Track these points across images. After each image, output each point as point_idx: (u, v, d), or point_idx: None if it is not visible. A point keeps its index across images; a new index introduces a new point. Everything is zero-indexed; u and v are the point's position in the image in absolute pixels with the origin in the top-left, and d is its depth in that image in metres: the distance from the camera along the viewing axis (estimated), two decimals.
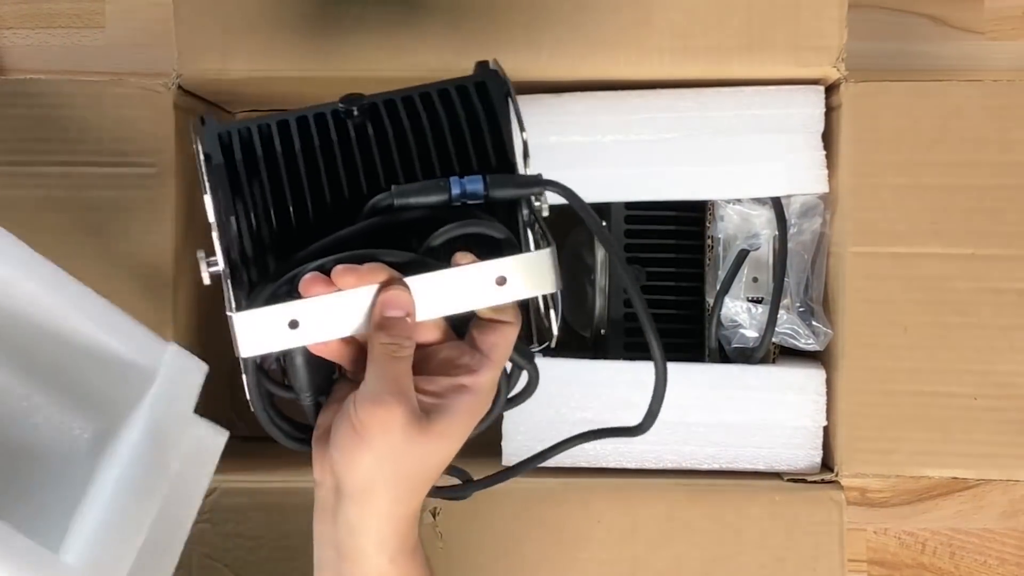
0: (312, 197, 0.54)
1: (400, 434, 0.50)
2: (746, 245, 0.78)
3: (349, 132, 0.55)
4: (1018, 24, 0.93)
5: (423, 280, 0.51)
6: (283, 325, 0.51)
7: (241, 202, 0.54)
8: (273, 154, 0.54)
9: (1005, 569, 0.91)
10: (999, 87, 0.75)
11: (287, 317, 0.51)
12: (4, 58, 0.94)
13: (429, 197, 0.52)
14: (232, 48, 0.76)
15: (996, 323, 0.74)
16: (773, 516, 0.74)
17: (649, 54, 0.75)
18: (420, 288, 0.52)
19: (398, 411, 0.49)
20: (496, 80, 0.56)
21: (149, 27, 0.93)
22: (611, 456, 0.78)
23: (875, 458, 0.75)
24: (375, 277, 0.51)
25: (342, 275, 0.51)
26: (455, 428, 0.52)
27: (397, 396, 0.50)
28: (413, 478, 0.52)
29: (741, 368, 0.77)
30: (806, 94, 0.77)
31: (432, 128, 0.55)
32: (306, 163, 0.54)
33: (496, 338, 0.53)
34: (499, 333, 0.53)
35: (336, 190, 0.54)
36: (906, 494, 0.92)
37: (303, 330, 0.51)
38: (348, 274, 0.51)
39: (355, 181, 0.54)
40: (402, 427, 0.50)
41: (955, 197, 0.74)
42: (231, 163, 0.54)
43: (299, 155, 0.54)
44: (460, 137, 0.55)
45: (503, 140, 0.55)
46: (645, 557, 0.74)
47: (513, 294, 0.52)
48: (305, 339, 0.51)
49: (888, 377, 0.75)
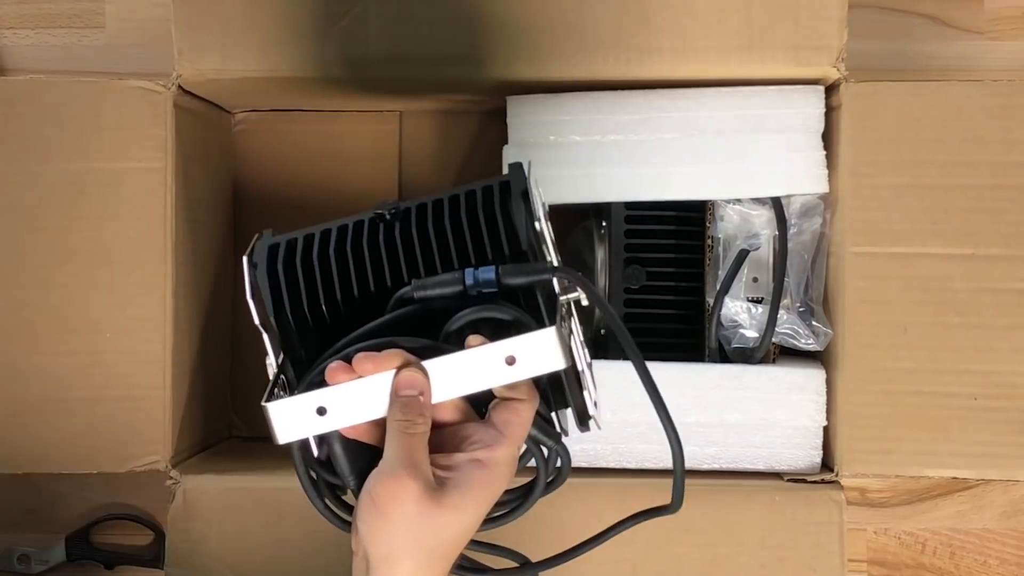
0: (343, 295, 0.60)
1: (414, 506, 0.52)
2: (746, 245, 0.78)
3: (378, 235, 0.61)
4: (1018, 24, 0.93)
5: (437, 363, 0.55)
6: (311, 412, 0.55)
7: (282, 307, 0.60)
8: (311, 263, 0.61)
9: (1005, 569, 0.91)
10: (999, 87, 0.75)
11: (315, 404, 0.55)
12: (4, 58, 0.94)
13: (446, 288, 0.57)
14: (232, 48, 0.76)
15: (996, 323, 0.74)
16: (773, 516, 0.74)
17: (649, 54, 0.75)
18: (435, 371, 0.56)
19: (412, 484, 0.52)
20: (517, 178, 0.61)
21: (149, 27, 0.93)
22: (611, 456, 0.78)
23: (875, 458, 0.75)
24: (392, 363, 0.55)
25: (362, 362, 0.55)
26: (469, 501, 0.54)
27: (410, 469, 0.53)
28: (431, 549, 0.54)
29: (741, 368, 0.77)
30: (806, 94, 0.77)
31: (452, 225, 0.60)
32: (340, 268, 0.60)
33: (510, 415, 0.56)
34: (513, 410, 0.56)
35: (364, 288, 0.60)
36: (906, 494, 0.92)
37: (331, 416, 0.55)
38: (367, 361, 0.55)
39: (381, 278, 0.60)
40: (415, 499, 0.52)
41: (955, 197, 0.74)
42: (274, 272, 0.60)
43: (332, 259, 0.61)
44: (477, 232, 0.60)
45: (516, 233, 0.59)
46: (645, 557, 0.74)
47: (522, 373, 0.55)
48: (333, 424, 0.56)
49: (888, 377, 0.75)
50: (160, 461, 0.76)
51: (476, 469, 0.55)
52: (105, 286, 0.77)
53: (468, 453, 0.55)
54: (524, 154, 0.78)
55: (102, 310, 0.76)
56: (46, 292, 0.76)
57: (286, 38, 0.76)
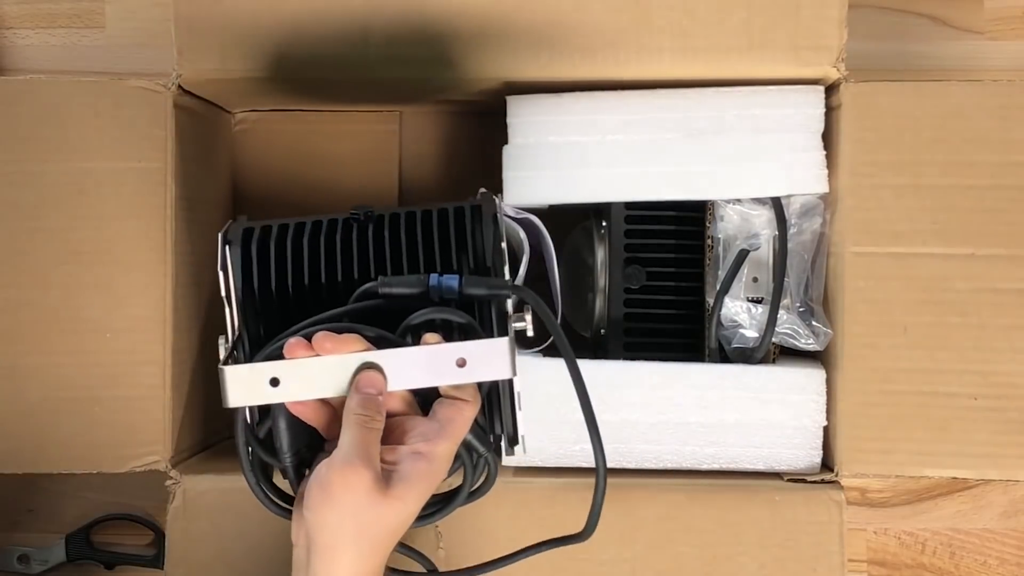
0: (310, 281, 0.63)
1: (364, 495, 0.55)
2: (746, 245, 0.78)
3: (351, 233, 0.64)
4: (1018, 24, 0.93)
5: (393, 354, 0.58)
6: (265, 382, 0.58)
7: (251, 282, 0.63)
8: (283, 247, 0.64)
9: (1005, 569, 0.91)
10: (999, 87, 0.75)
11: (269, 375, 0.58)
12: (4, 58, 0.94)
13: (411, 289, 0.60)
14: (232, 48, 0.76)
15: (996, 323, 0.74)
16: (773, 516, 0.74)
17: (649, 54, 0.75)
18: (391, 361, 0.59)
19: (365, 474, 0.55)
20: (489, 203, 0.65)
21: (149, 27, 0.94)
22: (611, 456, 0.77)
23: (875, 458, 0.75)
24: (350, 346, 0.58)
25: (321, 341, 0.58)
26: (411, 493, 0.57)
27: (365, 461, 0.56)
28: (374, 537, 0.57)
29: (741, 368, 0.77)
30: (806, 94, 0.77)
31: (424, 234, 0.64)
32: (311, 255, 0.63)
33: (453, 413, 0.59)
34: (456, 409, 0.60)
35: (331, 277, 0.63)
36: (906, 494, 0.92)
37: (283, 388, 0.58)
38: (326, 340, 0.58)
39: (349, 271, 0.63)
40: (366, 489, 0.55)
41: (955, 197, 0.74)
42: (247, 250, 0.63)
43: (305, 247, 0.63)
44: (446, 244, 0.63)
45: (483, 249, 0.63)
46: (645, 557, 0.74)
47: (472, 375, 0.59)
48: (284, 396, 0.58)
49: (888, 377, 0.75)
50: (160, 461, 0.76)
51: (418, 461, 0.58)
52: (105, 286, 0.77)
53: (410, 446, 0.58)
54: (524, 154, 0.78)
55: (102, 310, 0.76)
56: (46, 292, 0.76)
57: (286, 39, 0.76)
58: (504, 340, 0.59)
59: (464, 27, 0.75)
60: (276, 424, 0.60)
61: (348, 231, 0.65)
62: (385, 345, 0.59)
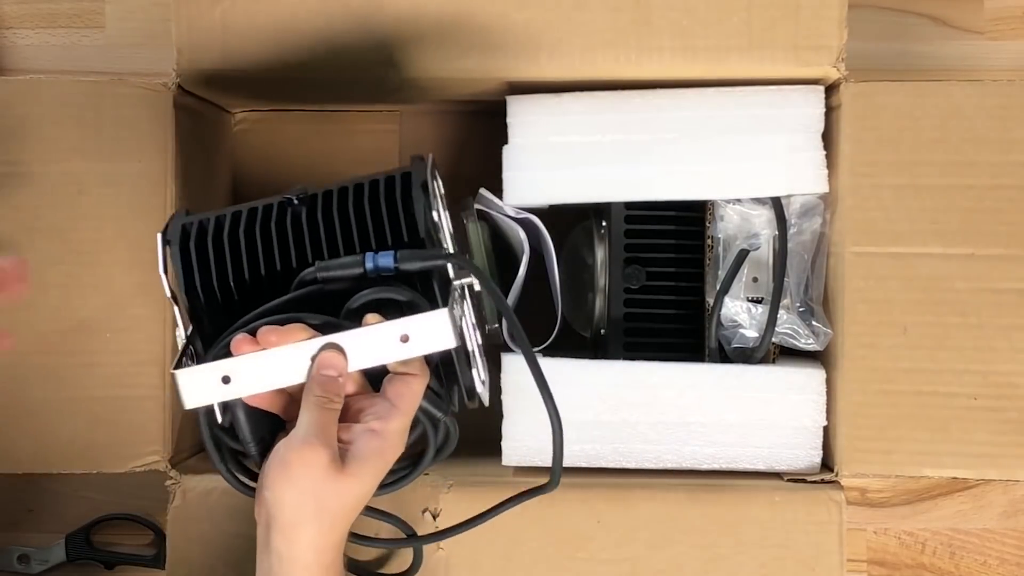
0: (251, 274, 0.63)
1: (322, 472, 0.57)
2: (746, 245, 0.78)
3: (286, 218, 0.64)
4: (1018, 24, 0.93)
5: (336, 338, 0.59)
6: (217, 380, 0.59)
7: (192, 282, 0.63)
8: (221, 241, 0.64)
9: (1005, 569, 0.91)
10: (999, 87, 0.75)
11: (220, 373, 0.59)
12: (4, 58, 0.94)
13: (348, 271, 0.60)
14: (232, 48, 0.76)
15: (996, 323, 0.74)
16: (773, 516, 0.74)
17: (649, 54, 0.75)
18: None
19: (323, 452, 0.57)
20: (419, 170, 0.64)
21: (149, 27, 0.94)
22: (611, 456, 0.78)
23: (875, 458, 0.75)
24: (295, 336, 0.59)
25: (266, 335, 0.59)
26: (367, 469, 0.59)
27: (322, 440, 0.57)
28: (333, 512, 0.58)
29: (741, 368, 0.77)
30: (806, 94, 0.77)
31: (356, 213, 0.63)
32: (248, 247, 0.64)
33: (402, 388, 0.60)
34: (405, 384, 0.61)
35: (271, 268, 0.63)
36: (906, 494, 0.92)
37: (235, 384, 0.59)
38: (271, 334, 0.59)
39: (287, 259, 0.63)
40: (324, 467, 0.57)
41: (955, 197, 0.74)
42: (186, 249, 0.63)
43: (242, 240, 0.64)
44: (379, 219, 0.63)
45: (415, 221, 0.62)
46: (645, 557, 0.74)
47: (416, 350, 0.59)
48: (237, 392, 0.59)
49: (888, 377, 0.75)
50: (160, 461, 0.76)
51: (372, 439, 0.59)
52: (105, 286, 0.77)
53: (364, 424, 0.59)
54: (524, 154, 0.78)
55: (102, 310, 0.77)
56: (45, 292, 0.76)
57: (286, 38, 0.76)
58: (442, 312, 0.59)
59: (465, 28, 0.75)
60: (235, 416, 0.61)
61: (283, 216, 0.65)
62: (331, 330, 0.59)
